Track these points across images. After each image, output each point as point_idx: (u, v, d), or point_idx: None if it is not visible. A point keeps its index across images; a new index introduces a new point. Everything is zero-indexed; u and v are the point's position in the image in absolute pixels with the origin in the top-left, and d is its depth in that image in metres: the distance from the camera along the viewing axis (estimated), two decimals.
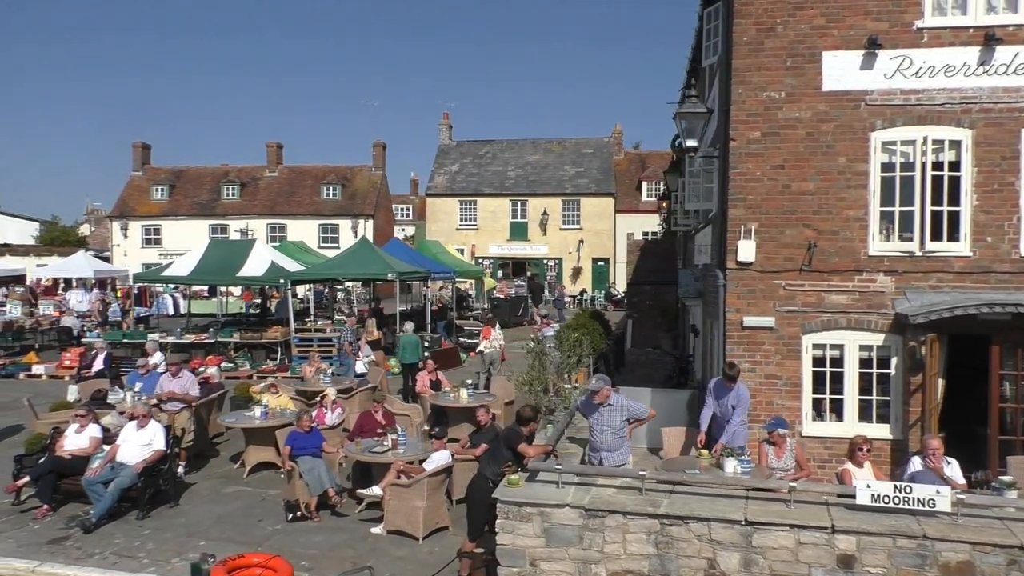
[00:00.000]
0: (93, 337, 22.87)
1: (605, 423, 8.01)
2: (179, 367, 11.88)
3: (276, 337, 21.29)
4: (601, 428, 8.01)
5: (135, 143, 50.97)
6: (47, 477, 9.77)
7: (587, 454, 8.24)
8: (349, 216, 46.87)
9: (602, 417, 8.04)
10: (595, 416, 8.11)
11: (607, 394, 8.08)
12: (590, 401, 8.13)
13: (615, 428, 8.02)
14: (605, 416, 8.04)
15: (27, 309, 30.32)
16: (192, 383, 11.83)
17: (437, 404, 13.18)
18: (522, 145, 48.75)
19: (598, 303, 42.85)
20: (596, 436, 8.06)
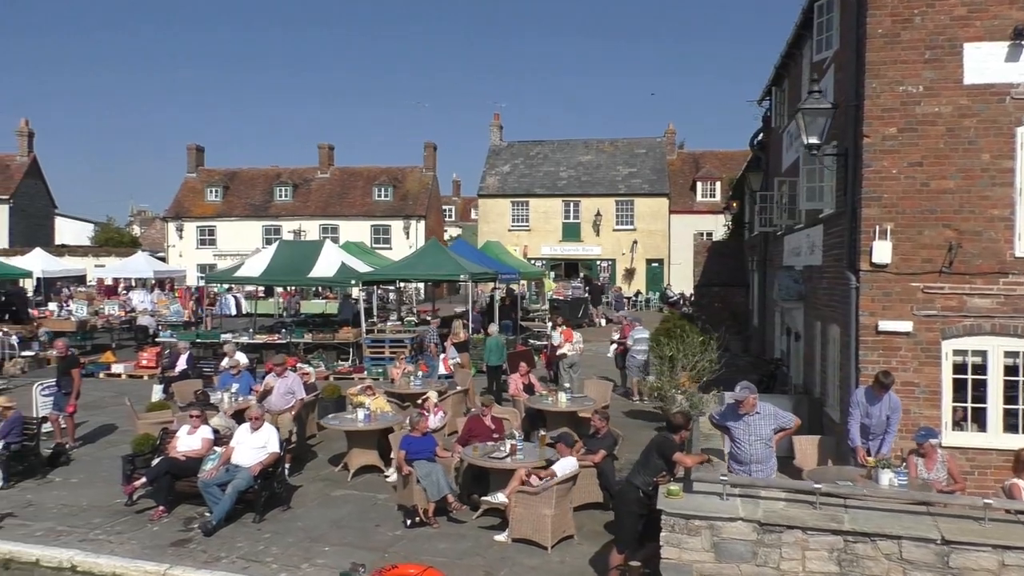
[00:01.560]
0: (167, 337, 23.06)
1: (754, 433, 7.65)
2: (283, 367, 11.76)
3: (348, 338, 21.21)
4: (749, 439, 7.65)
5: (189, 145, 51.57)
6: (163, 478, 9.70)
7: (730, 467, 7.88)
8: (401, 217, 46.91)
9: (749, 427, 7.69)
10: (739, 426, 7.75)
11: (753, 402, 7.73)
12: (734, 411, 7.78)
13: (765, 438, 7.67)
14: (753, 426, 7.68)
15: (92, 308, 30.70)
16: (298, 383, 11.72)
17: (533, 408, 12.93)
18: (573, 145, 48.39)
19: (653, 305, 42.36)
20: (743, 448, 7.69)
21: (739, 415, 7.71)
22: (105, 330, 26.18)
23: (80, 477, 11.44)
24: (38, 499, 10.39)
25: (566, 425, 12.54)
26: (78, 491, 10.76)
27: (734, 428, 7.80)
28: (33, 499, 10.40)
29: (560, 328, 17.31)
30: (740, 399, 7.67)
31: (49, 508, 10.06)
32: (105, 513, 9.84)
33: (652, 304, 42.61)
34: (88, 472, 11.70)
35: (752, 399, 7.71)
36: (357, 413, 11.48)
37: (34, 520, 9.60)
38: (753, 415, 7.73)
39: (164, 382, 16.98)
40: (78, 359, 13.26)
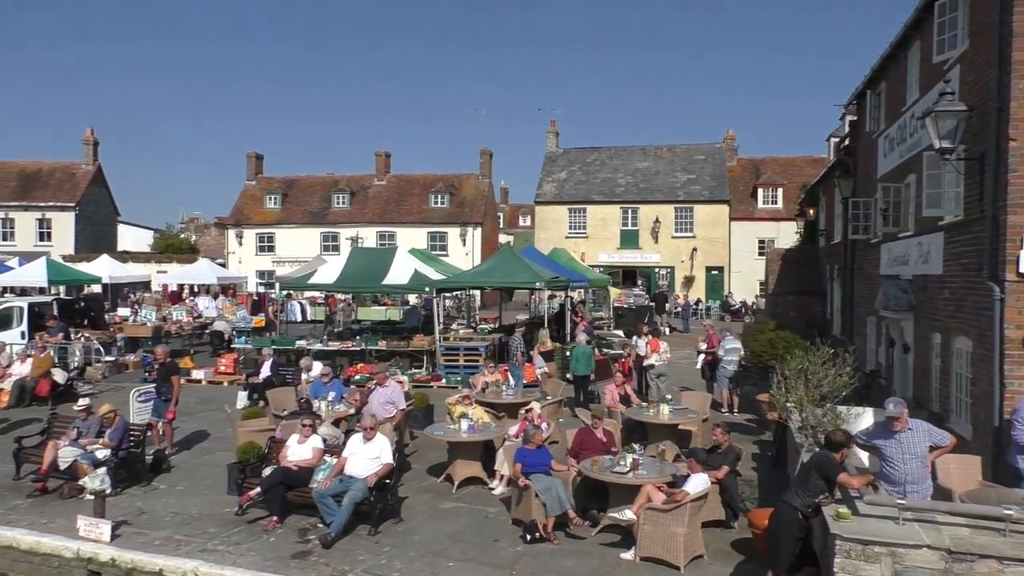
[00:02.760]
0: (241, 343, 23.22)
1: (908, 451, 7.24)
2: (385, 376, 11.61)
3: (423, 346, 21.10)
4: (902, 457, 7.24)
5: (249, 153, 52.30)
6: (276, 488, 9.59)
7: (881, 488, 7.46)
8: (458, 224, 46.91)
9: (902, 445, 7.27)
10: (891, 444, 7.34)
11: (907, 419, 7.33)
12: (886, 428, 7.37)
13: (919, 456, 7.25)
14: (907, 443, 7.27)
15: (160, 314, 31.11)
16: (398, 393, 11.58)
17: (633, 419, 12.61)
18: (631, 152, 47.97)
19: (713, 313, 41.69)
20: (895, 467, 7.27)
21: (892, 432, 7.31)
22: (177, 336, 26.46)
23: (184, 484, 11.41)
24: (149, 507, 10.37)
25: (668, 438, 12.22)
26: (186, 499, 10.72)
27: (885, 447, 7.39)
28: (143, 506, 10.37)
29: (646, 337, 16.94)
30: (895, 415, 7.26)
31: (162, 516, 10.01)
32: (218, 522, 9.76)
33: (712, 312, 41.96)
34: (191, 479, 11.68)
35: (906, 415, 7.31)
36: (460, 423, 11.27)
37: (150, 528, 9.55)
38: (905, 432, 7.32)
39: (248, 388, 17.07)
40: (177, 366, 13.29)
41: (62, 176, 52.87)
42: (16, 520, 9.87)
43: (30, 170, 53.27)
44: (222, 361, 20.60)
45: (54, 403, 16.93)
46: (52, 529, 9.56)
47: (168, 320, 29.23)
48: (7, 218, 51.01)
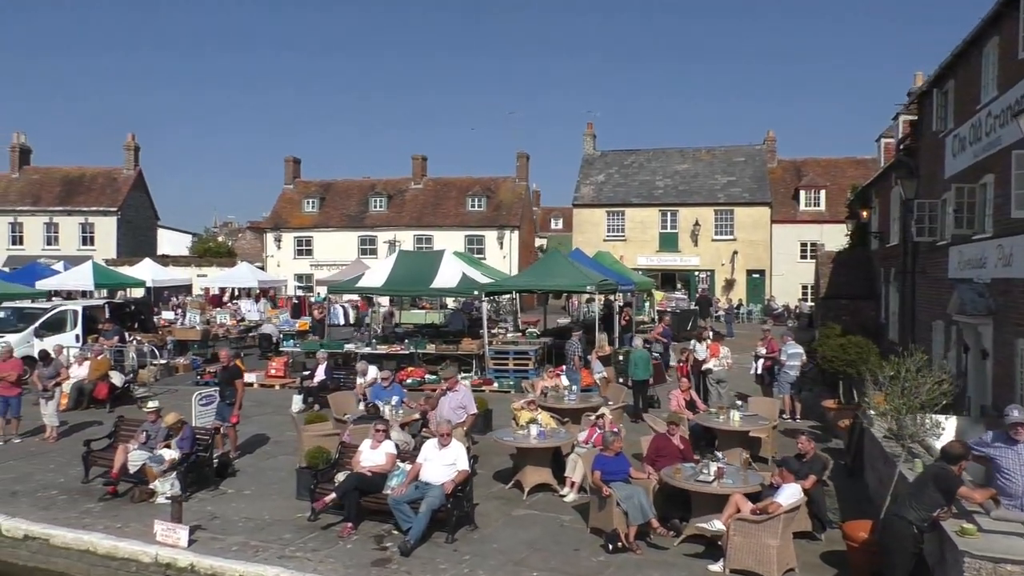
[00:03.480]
0: (290, 346, 23.25)
1: None
2: (455, 380, 11.46)
3: (472, 350, 20.94)
4: (1021, 469, 6.89)
5: (287, 157, 52.63)
6: (351, 494, 9.46)
7: None
8: (495, 227, 46.79)
9: (1020, 456, 6.93)
10: (1008, 455, 6.98)
11: None
12: (1005, 437, 7.04)
13: None
14: None
15: (203, 318, 31.30)
16: (469, 398, 11.41)
17: (700, 425, 12.34)
18: (669, 154, 47.54)
19: (755, 317, 41.11)
20: (1014, 480, 6.88)
21: (1013, 441, 6.96)
22: (224, 339, 26.57)
23: (252, 489, 11.35)
24: (220, 511, 10.30)
25: (738, 445, 11.93)
26: (255, 503, 10.65)
27: (1001, 457, 7.04)
28: (215, 511, 10.31)
29: (706, 341, 16.63)
30: (1020, 422, 6.90)
31: (234, 521, 9.94)
32: (292, 528, 9.66)
33: (753, 316, 41.39)
34: (257, 483, 11.61)
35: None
36: (530, 429, 11.07)
37: (224, 533, 9.48)
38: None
39: (304, 392, 17.04)
40: (241, 370, 13.24)
41: (104, 181, 53.63)
42: (91, 524, 9.86)
43: (73, 175, 54.09)
44: (273, 364, 20.63)
45: (112, 406, 17.07)
46: (127, 533, 9.54)
47: (212, 323, 29.40)
48: (51, 223, 51.81)
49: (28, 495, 11.13)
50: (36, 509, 10.49)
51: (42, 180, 53.91)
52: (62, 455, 13.36)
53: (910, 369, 8.28)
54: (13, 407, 14.06)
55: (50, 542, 9.61)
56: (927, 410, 8.21)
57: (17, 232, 52.02)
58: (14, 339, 20.10)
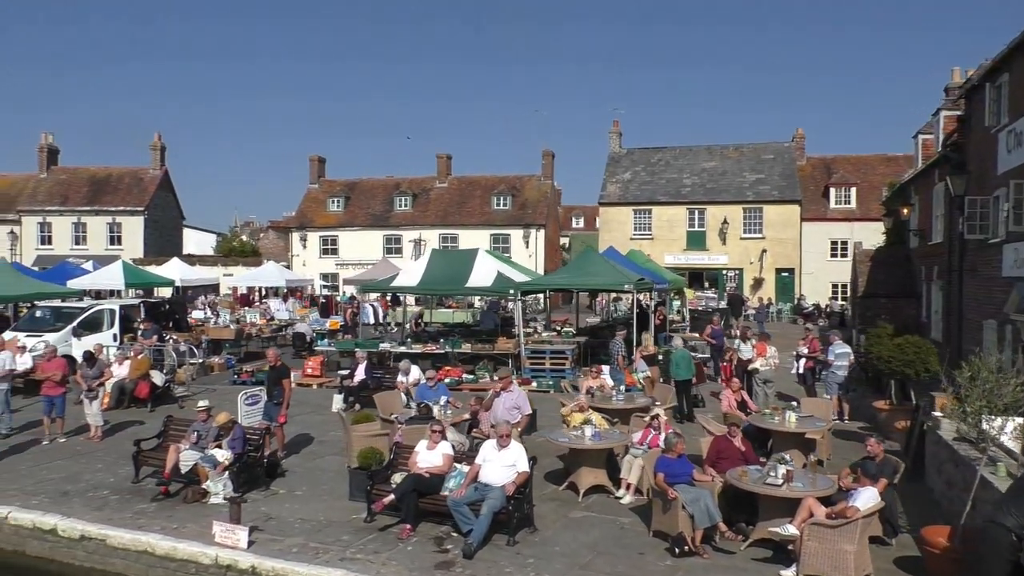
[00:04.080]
0: (325, 345, 23.21)
1: None
2: (509, 380, 11.30)
3: (508, 349, 20.79)
4: None
5: (311, 156, 52.72)
6: (410, 495, 9.33)
7: None
8: (520, 226, 46.62)
9: None
10: None
11: None
12: None
13: None
14: None
15: (233, 317, 31.35)
16: (523, 398, 11.26)
17: (753, 426, 12.09)
18: (696, 152, 47.17)
19: (784, 316, 40.71)
20: None
21: None
22: (256, 338, 26.59)
23: (303, 489, 11.24)
24: (274, 512, 10.20)
25: (794, 447, 11.69)
26: (309, 504, 10.54)
27: None
28: (269, 512, 10.21)
29: (751, 341, 16.37)
30: None
31: (290, 522, 9.84)
32: (349, 529, 9.54)
33: (783, 315, 40.98)
34: (307, 484, 11.51)
35: None
36: (584, 430, 10.89)
37: (282, 535, 9.37)
38: None
39: (344, 391, 16.95)
40: (288, 369, 13.16)
41: (131, 181, 53.99)
42: (146, 524, 9.79)
43: (100, 176, 54.51)
44: (309, 364, 20.57)
45: (153, 405, 17.07)
46: (184, 534, 9.45)
47: (241, 322, 29.42)
48: (79, 222, 52.23)
49: (79, 495, 11.09)
50: (89, 509, 10.43)
51: (70, 180, 54.37)
52: (108, 454, 13.35)
53: (991, 370, 8.02)
54: (58, 406, 14.06)
55: (107, 542, 9.55)
56: (1011, 412, 7.96)
57: (46, 232, 52.48)
58: (53, 338, 20.16)
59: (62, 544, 9.90)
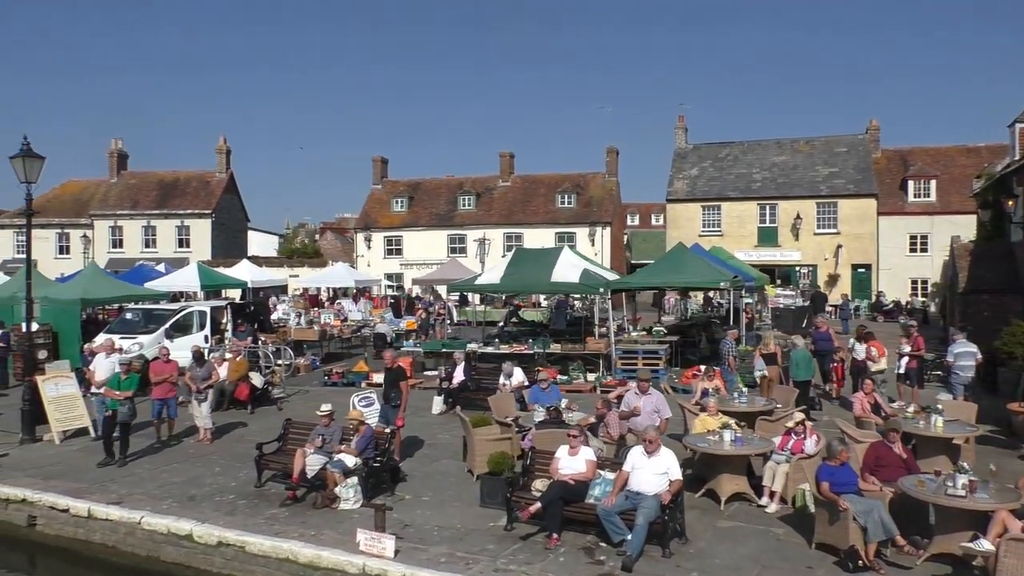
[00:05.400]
0: (410, 346, 23.06)
1: None
2: (648, 383, 10.87)
3: (599, 349, 20.35)
4: None
5: (374, 157, 52.96)
6: (556, 503, 8.97)
7: None
8: (586, 224, 46.11)
9: None
10: None
11: None
12: None
13: None
14: None
15: (307, 318, 31.45)
16: (663, 401, 10.82)
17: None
18: (765, 146, 46.10)
19: (862, 313, 39.48)
20: None
21: None
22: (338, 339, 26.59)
23: (429, 495, 10.97)
24: (408, 519, 9.93)
25: (942, 453, 11.06)
26: (441, 511, 10.26)
27: None
28: (402, 518, 9.93)
29: (867, 341, 15.67)
30: None
31: (427, 530, 9.57)
32: (491, 538, 9.23)
33: (861, 312, 39.73)
34: (431, 489, 11.23)
35: None
36: (723, 435, 10.42)
37: (423, 543, 9.10)
38: None
39: (443, 393, 16.71)
40: (405, 371, 12.94)
41: (198, 184, 54.87)
42: (282, 531, 9.62)
43: (168, 180, 55.51)
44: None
45: (252, 407, 17.05)
46: (324, 541, 9.24)
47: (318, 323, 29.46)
48: (149, 225, 53.26)
49: (206, 499, 11.00)
50: (221, 514, 10.32)
51: (139, 184, 55.50)
52: (222, 457, 13.29)
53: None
54: (171, 408, 14.07)
55: (245, 549, 9.40)
56: None
57: (117, 235, 53.61)
58: (146, 340, 20.40)
59: (198, 550, 9.78)
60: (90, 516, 10.79)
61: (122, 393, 12.76)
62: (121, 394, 12.74)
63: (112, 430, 12.81)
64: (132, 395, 12.96)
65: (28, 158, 14.92)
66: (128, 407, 12.76)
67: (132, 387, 12.93)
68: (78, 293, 22.77)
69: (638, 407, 10.64)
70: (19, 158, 14.88)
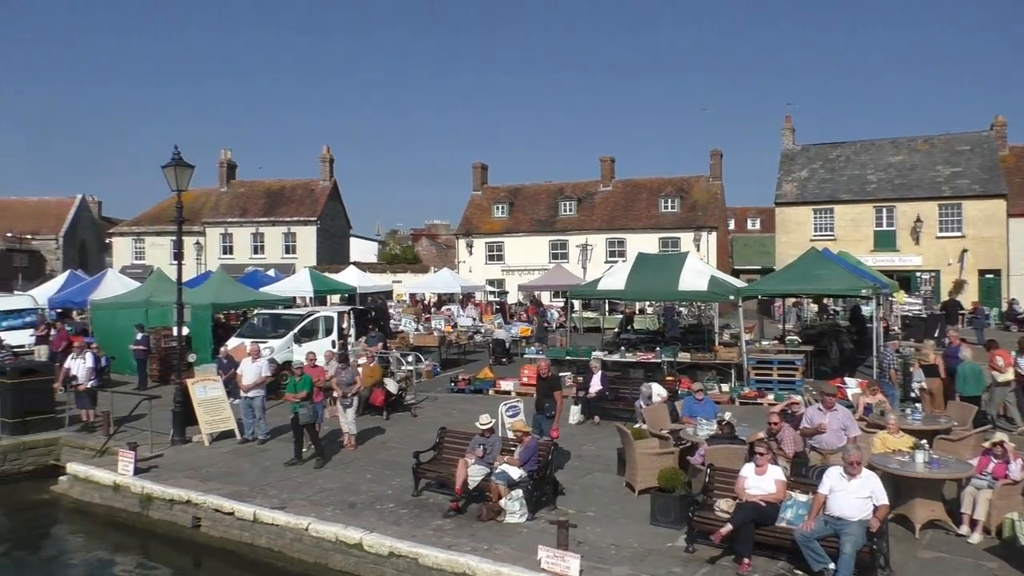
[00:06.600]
0: (533, 354, 22.80)
1: None
2: (834, 399, 10.23)
3: (732, 358, 19.61)
4: None
5: (474, 163, 53.18)
6: (748, 526, 8.47)
7: None
8: (691, 229, 45.03)
9: None
10: None
11: None
12: None
13: None
14: None
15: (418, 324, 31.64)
16: (850, 418, 10.15)
17: None
18: (880, 145, 44.05)
19: (992, 322, 37.15)
20: None
21: None
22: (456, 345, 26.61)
23: (592, 511, 10.60)
24: (580, 535, 9.53)
25: None
26: (610, 528, 9.88)
27: None
28: (574, 535, 9.46)
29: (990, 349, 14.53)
30: None
31: (603, 548, 9.22)
32: (674, 560, 8.80)
33: (991, 321, 37.39)
34: (592, 504, 10.86)
35: None
36: (915, 456, 9.68)
37: (603, 563, 8.77)
38: None
39: (581, 403, 16.36)
40: (560, 380, 12.66)
41: (303, 192, 56.32)
42: (453, 543, 9.43)
43: (275, 188, 57.18)
44: (525, 371, 20.13)
45: (388, 413, 17.08)
46: (498, 556, 9.01)
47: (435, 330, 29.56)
48: (257, 232, 54.92)
49: (367, 507, 10.94)
50: (387, 523, 10.22)
51: (248, 193, 57.36)
52: (370, 464, 13.29)
53: None
54: (317, 413, 14.14)
55: (419, 561, 9.24)
56: None
57: (227, 242, 55.50)
58: (276, 345, 20.76)
59: (368, 560, 9.70)
60: (255, 520, 10.89)
61: (298, 395, 12.94)
62: (297, 396, 12.93)
63: (300, 433, 13.05)
64: (308, 395, 13.12)
65: (179, 167, 15.37)
66: (308, 408, 12.96)
67: (307, 387, 13.10)
68: (209, 298, 23.48)
69: (823, 424, 9.99)
70: (171, 167, 15.35)
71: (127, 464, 12.74)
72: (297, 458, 13.09)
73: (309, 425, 13.01)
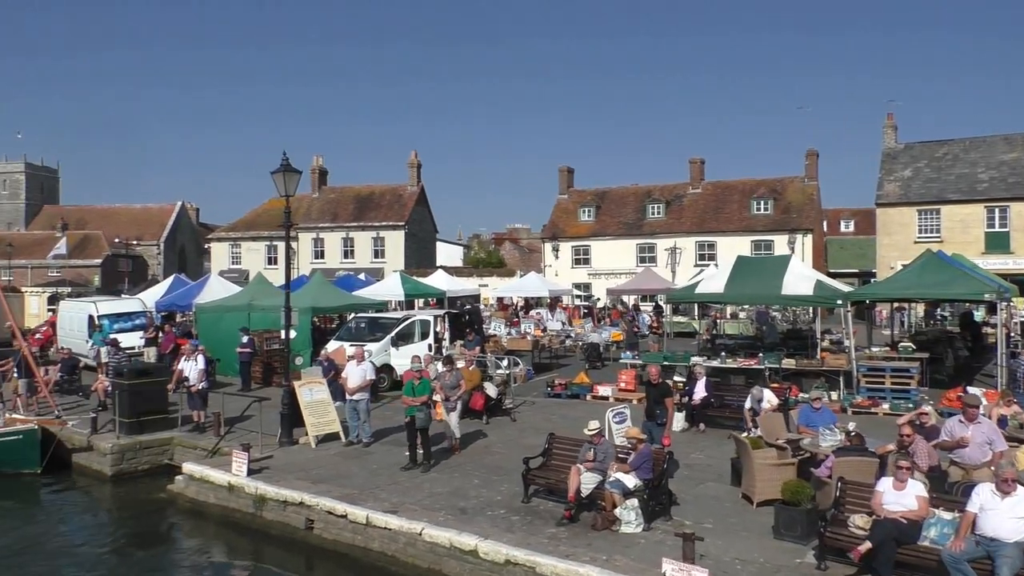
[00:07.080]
0: (629, 359, 22.44)
1: None
2: (976, 411, 9.60)
3: (840, 365, 18.79)
4: None
5: (561, 167, 53.08)
6: (889, 544, 7.97)
7: None
8: (785, 231, 43.71)
9: None
10: None
11: None
12: None
13: None
14: None
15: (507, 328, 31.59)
16: (996, 431, 9.50)
17: None
18: (991, 142, 41.74)
19: None
20: None
21: None
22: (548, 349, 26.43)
23: (710, 523, 10.19)
24: (702, 548, 9.12)
25: None
26: (732, 542, 9.47)
27: None
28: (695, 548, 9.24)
29: None
30: None
31: (728, 563, 8.85)
32: None
33: None
34: (709, 516, 10.46)
35: None
36: None
37: None
38: None
39: (686, 410, 15.91)
40: (670, 387, 12.32)
41: (391, 198, 57.31)
42: (570, 553, 9.20)
43: (364, 194, 58.39)
44: (622, 377, 19.79)
45: (487, 417, 17.02)
46: (618, 567, 8.75)
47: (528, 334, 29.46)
48: (347, 237, 56.18)
49: (477, 513, 10.84)
50: (500, 530, 10.08)
51: (338, 199, 58.74)
52: (475, 468, 13.21)
53: None
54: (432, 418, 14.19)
55: (536, 571, 9.05)
56: None
57: (319, 247, 56.96)
58: (374, 348, 20.98)
59: (483, 567, 9.57)
60: (368, 523, 10.91)
61: (418, 399, 12.99)
62: (417, 400, 12.97)
63: (415, 436, 13.11)
64: (428, 399, 13.16)
65: (287, 172, 15.69)
66: (424, 412, 12.98)
67: (426, 392, 13.14)
68: (308, 302, 23.94)
69: (965, 437, 9.35)
70: (279, 173, 15.68)
71: (241, 465, 13.00)
72: (412, 462, 13.11)
73: (423, 429, 13.01)
